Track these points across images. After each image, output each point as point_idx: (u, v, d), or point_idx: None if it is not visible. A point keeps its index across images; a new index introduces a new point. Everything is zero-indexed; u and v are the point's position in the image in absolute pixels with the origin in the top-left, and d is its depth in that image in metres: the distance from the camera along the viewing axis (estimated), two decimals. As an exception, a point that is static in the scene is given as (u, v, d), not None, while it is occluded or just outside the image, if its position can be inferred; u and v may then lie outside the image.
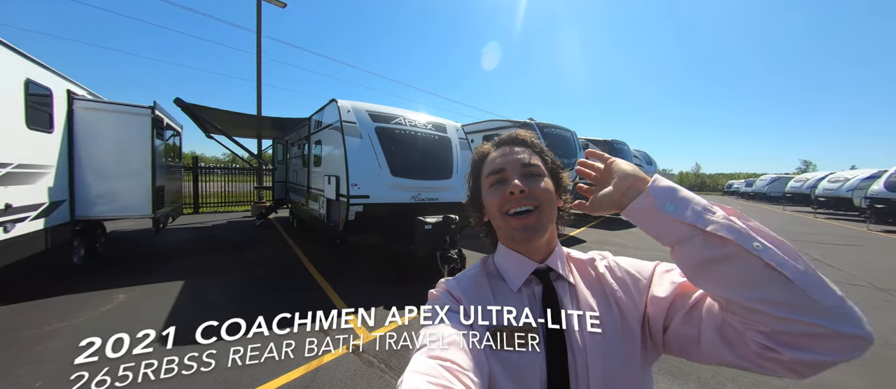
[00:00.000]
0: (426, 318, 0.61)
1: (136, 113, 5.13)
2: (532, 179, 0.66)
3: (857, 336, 0.41)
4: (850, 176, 17.57)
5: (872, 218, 12.69)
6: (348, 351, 2.81)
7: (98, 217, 4.97)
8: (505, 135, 0.74)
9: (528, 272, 0.65)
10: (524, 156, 0.68)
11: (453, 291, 0.67)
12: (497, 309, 0.60)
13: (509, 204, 0.64)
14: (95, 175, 4.83)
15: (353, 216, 4.54)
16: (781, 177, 29.76)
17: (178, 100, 6.09)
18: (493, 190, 0.68)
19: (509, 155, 0.69)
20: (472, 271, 0.73)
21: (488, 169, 0.71)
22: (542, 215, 0.64)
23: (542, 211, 0.64)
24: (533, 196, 0.64)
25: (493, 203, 0.67)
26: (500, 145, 0.73)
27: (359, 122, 4.92)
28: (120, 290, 4.02)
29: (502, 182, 0.67)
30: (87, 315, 3.34)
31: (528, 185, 0.64)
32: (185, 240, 7.01)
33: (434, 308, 0.61)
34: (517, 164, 0.67)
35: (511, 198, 0.64)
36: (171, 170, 6.92)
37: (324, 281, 4.54)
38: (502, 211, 0.65)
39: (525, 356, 0.56)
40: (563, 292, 0.64)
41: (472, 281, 0.69)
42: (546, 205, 0.65)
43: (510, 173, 0.66)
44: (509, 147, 0.71)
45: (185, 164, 11.13)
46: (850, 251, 7.62)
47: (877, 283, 5.09)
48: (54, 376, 2.35)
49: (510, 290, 0.66)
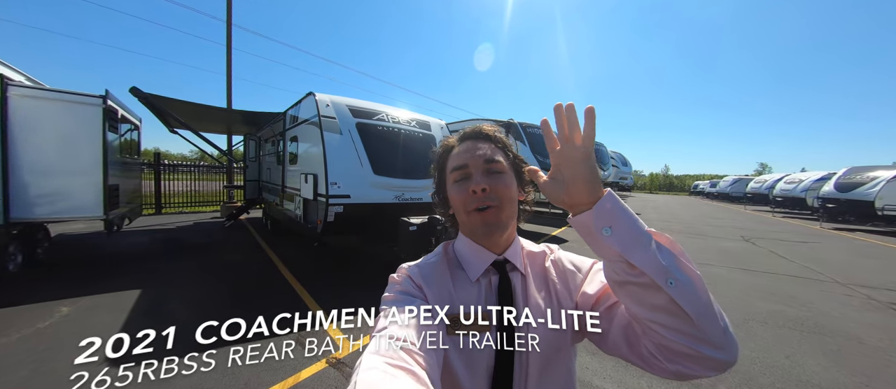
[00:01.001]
0: (385, 302, 0.63)
1: (85, 103, 4.60)
2: (494, 176, 0.68)
3: (727, 362, 0.50)
4: (804, 177, 18.95)
5: (824, 217, 13.70)
6: (328, 366, 2.58)
7: (39, 219, 4.41)
8: (469, 129, 0.75)
9: (486, 263, 0.69)
10: (487, 151, 0.70)
11: (415, 277, 0.68)
12: (455, 296, 0.66)
13: (472, 203, 0.66)
14: (35, 172, 4.27)
15: (333, 217, 4.28)
16: (742, 179, 31.72)
17: (135, 90, 5.56)
18: (457, 186, 0.70)
19: (472, 150, 0.70)
20: (433, 258, 0.74)
21: (452, 164, 0.72)
22: (502, 212, 0.67)
23: (502, 208, 0.67)
24: (494, 194, 0.66)
25: (456, 199, 0.70)
26: (463, 139, 0.74)
27: (338, 117, 4.66)
28: (63, 302, 3.56)
29: (466, 178, 0.69)
30: (21, 332, 2.90)
31: (490, 183, 0.66)
32: (144, 244, 6.43)
33: (395, 292, 0.65)
34: (480, 161, 0.68)
35: (473, 197, 0.66)
36: (128, 166, 6.32)
37: (300, 287, 4.24)
38: (465, 209, 0.68)
39: (480, 340, 0.60)
40: (516, 283, 0.69)
41: (434, 269, 0.70)
42: (507, 203, 0.67)
43: (473, 170, 0.68)
44: (473, 142, 0.72)
45: (145, 161, 10.30)
46: (807, 248, 8.12)
47: (837, 278, 5.40)
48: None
49: (469, 279, 0.69)
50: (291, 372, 2.47)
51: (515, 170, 0.72)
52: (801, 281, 5.18)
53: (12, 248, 4.31)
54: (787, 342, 3.17)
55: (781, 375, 2.61)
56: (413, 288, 0.66)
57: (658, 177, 75.24)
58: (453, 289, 0.67)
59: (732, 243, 8.41)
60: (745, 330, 3.38)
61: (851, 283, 5.15)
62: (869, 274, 5.69)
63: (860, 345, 3.13)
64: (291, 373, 2.46)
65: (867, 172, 12.84)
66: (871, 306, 4.19)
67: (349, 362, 2.63)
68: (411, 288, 0.66)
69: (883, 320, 3.74)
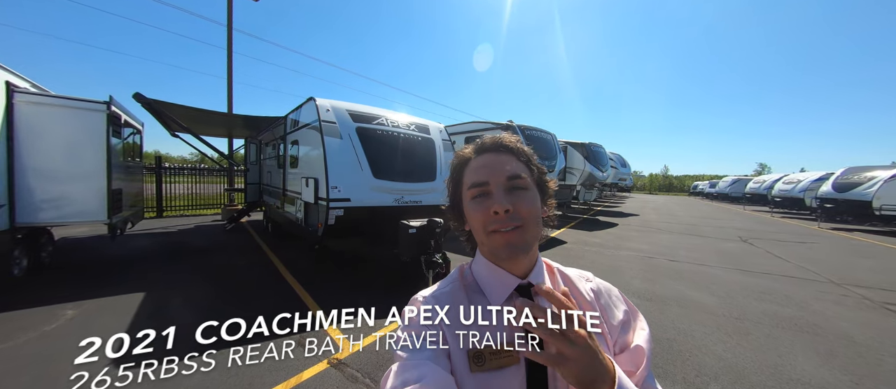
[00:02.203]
0: (399, 347, 0.58)
1: (90, 108, 4.66)
2: (517, 194, 0.62)
3: None
4: (802, 178, 19.01)
5: (822, 217, 13.76)
6: (329, 366, 2.64)
7: (44, 223, 4.47)
8: (488, 140, 0.69)
9: (510, 288, 0.63)
10: (509, 166, 0.64)
11: (430, 312, 0.61)
12: (478, 329, 0.58)
13: (493, 224, 0.61)
14: (40, 176, 4.33)
15: (333, 220, 4.34)
16: (741, 179, 31.77)
17: (138, 96, 5.63)
18: (476, 203, 0.64)
19: (493, 165, 0.64)
20: (448, 286, 0.68)
21: (470, 179, 0.66)
22: (527, 233, 0.61)
23: (527, 228, 0.61)
24: (518, 215, 0.61)
25: (476, 219, 0.64)
26: (482, 151, 0.68)
27: (339, 122, 4.72)
28: (68, 305, 3.62)
29: (485, 196, 0.63)
30: (27, 335, 2.96)
31: (513, 202, 0.60)
32: (147, 247, 6.49)
33: (408, 336, 0.58)
34: (502, 177, 0.63)
35: (495, 218, 0.61)
36: (131, 170, 6.38)
37: (301, 289, 4.30)
38: (486, 230, 0.62)
39: (505, 375, 0.56)
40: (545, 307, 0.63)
41: (451, 299, 0.64)
42: (531, 223, 0.62)
43: (494, 187, 0.62)
44: (493, 155, 0.66)
45: (146, 164, 10.37)
46: (804, 248, 8.17)
47: (833, 278, 5.46)
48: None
49: (488, 305, 0.63)
50: (293, 373, 2.52)
51: (539, 184, 0.67)
52: (797, 282, 5.23)
53: (17, 252, 4.36)
54: (781, 341, 3.22)
55: (773, 373, 2.66)
56: (429, 327, 0.59)
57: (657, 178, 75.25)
58: (473, 320, 0.60)
59: (730, 244, 8.46)
60: (739, 330, 3.43)
61: (847, 283, 5.21)
62: (865, 274, 5.74)
63: (852, 345, 3.18)
64: (293, 374, 2.51)
65: (865, 172, 12.91)
66: (865, 306, 4.25)
67: (350, 362, 2.69)
68: (427, 328, 0.59)
69: (876, 320, 3.79)
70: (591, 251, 7.07)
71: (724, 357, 2.89)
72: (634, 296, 4.37)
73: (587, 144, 13.84)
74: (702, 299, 4.34)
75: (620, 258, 6.54)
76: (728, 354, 2.95)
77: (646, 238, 9.15)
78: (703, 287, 4.86)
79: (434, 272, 4.36)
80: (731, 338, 3.25)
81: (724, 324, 3.57)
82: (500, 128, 9.29)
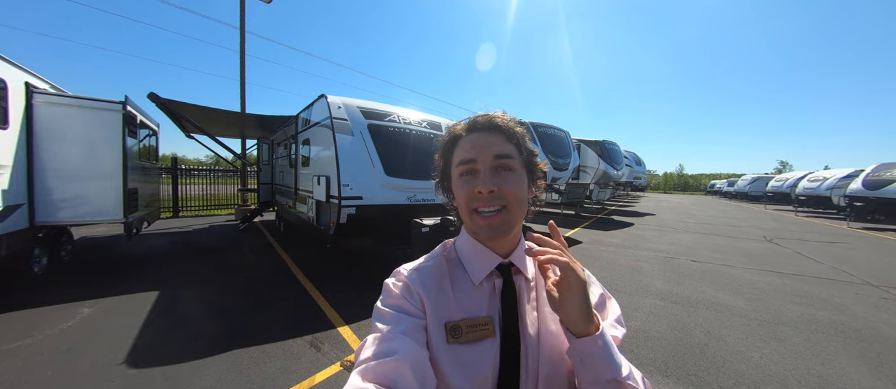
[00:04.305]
0: (378, 316, 0.60)
1: (106, 109, 4.71)
2: (504, 175, 0.62)
3: None
4: (828, 175, 18.20)
5: (852, 216, 13.12)
6: (342, 369, 2.55)
7: (62, 222, 4.53)
8: (480, 118, 0.67)
9: (490, 266, 0.65)
10: (498, 146, 0.63)
11: (413, 284, 0.64)
12: (455, 302, 0.62)
13: (477, 202, 0.61)
14: (59, 176, 4.39)
15: (345, 218, 4.27)
16: (762, 177, 30.72)
17: (153, 96, 5.68)
18: (463, 181, 0.64)
19: (482, 144, 0.63)
20: (432, 260, 0.69)
21: (459, 156, 0.66)
22: (509, 214, 0.61)
23: (509, 210, 0.61)
24: (502, 195, 0.61)
25: (461, 196, 0.64)
26: (473, 130, 0.66)
27: (350, 119, 4.66)
28: (85, 303, 3.64)
29: (472, 173, 0.63)
30: (45, 332, 2.97)
31: (498, 183, 0.60)
32: (162, 246, 6.56)
33: (389, 306, 0.61)
34: (489, 156, 0.62)
35: (479, 197, 0.61)
36: (147, 171, 6.47)
37: (313, 289, 4.25)
38: (470, 208, 0.63)
39: (479, 348, 0.58)
40: (521, 288, 0.65)
41: (433, 272, 0.66)
42: (515, 205, 0.62)
43: (481, 165, 0.62)
44: (483, 134, 0.65)
45: (163, 166, 10.55)
46: (835, 248, 7.76)
47: (871, 280, 5.13)
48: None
49: (470, 282, 0.65)
50: (305, 375, 2.44)
51: (528, 166, 0.67)
52: (832, 284, 4.93)
53: (37, 251, 4.43)
54: (822, 347, 3.00)
55: (819, 383, 2.46)
56: (408, 298, 0.62)
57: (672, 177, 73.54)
58: (453, 294, 0.63)
59: (754, 244, 8.10)
60: (775, 336, 3.21)
61: (886, 285, 4.88)
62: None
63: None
64: (306, 376, 2.43)
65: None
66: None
67: (364, 365, 2.60)
68: (407, 300, 0.61)
69: (925, 325, 3.51)
70: (609, 251, 6.84)
71: (761, 365, 2.69)
72: (658, 298, 4.18)
73: (601, 142, 13.52)
74: (731, 301, 4.11)
75: (640, 258, 6.30)
76: (765, 361, 2.75)
77: (664, 237, 8.84)
78: (731, 288, 4.61)
79: (448, 272, 4.25)
80: (767, 344, 3.04)
81: (758, 329, 3.35)
82: (512, 125, 9.13)
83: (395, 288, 0.64)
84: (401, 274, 0.67)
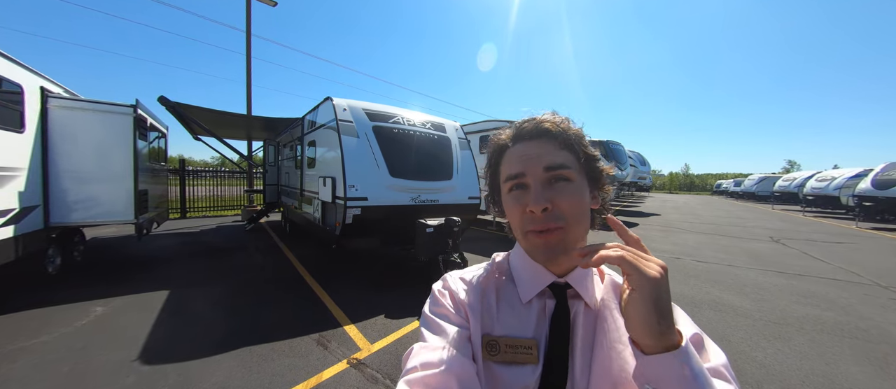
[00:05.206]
0: (424, 325, 0.58)
1: (117, 112, 4.83)
2: (558, 187, 0.55)
3: None
4: (837, 175, 17.96)
5: (861, 216, 12.94)
6: (349, 366, 2.60)
7: (75, 223, 4.64)
8: (526, 123, 0.60)
9: (541, 285, 0.59)
10: (549, 155, 0.56)
11: (457, 292, 0.61)
12: (499, 317, 0.58)
13: (530, 225, 0.55)
14: (72, 178, 4.51)
15: (351, 219, 4.33)
16: (769, 177, 30.35)
17: (163, 99, 5.79)
18: (512, 198, 0.58)
19: (530, 155, 0.57)
20: (482, 270, 0.66)
21: (506, 169, 0.60)
22: (568, 234, 0.54)
23: (568, 228, 0.54)
24: (559, 214, 0.53)
25: (512, 215, 0.59)
26: (518, 138, 0.60)
27: (355, 121, 4.72)
28: (98, 302, 3.73)
29: (522, 188, 0.57)
30: (60, 330, 3.05)
31: (552, 197, 0.54)
32: (171, 247, 6.67)
33: (434, 316, 0.58)
34: (539, 168, 0.55)
35: (531, 217, 0.54)
36: (156, 173, 6.59)
37: (319, 289, 4.31)
38: (523, 229, 0.56)
39: (517, 372, 0.53)
40: (578, 314, 0.57)
41: (480, 283, 0.63)
42: (574, 223, 0.54)
43: (531, 180, 0.56)
44: (531, 143, 0.58)
45: (171, 167, 10.72)
46: (843, 249, 7.68)
47: (879, 281, 5.08)
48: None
49: (519, 298, 0.60)
50: (313, 372, 2.49)
51: (589, 173, 0.59)
52: (838, 284, 4.89)
53: (51, 251, 4.54)
54: (827, 348, 2.99)
55: (823, 383, 2.46)
56: (454, 308, 0.59)
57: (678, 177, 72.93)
58: (498, 308, 0.59)
59: (761, 244, 8.04)
60: (779, 336, 3.21)
61: (895, 286, 4.83)
62: (914, 277, 5.32)
63: (910, 353, 2.92)
64: (313, 373, 2.48)
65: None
66: (919, 310, 3.91)
67: (370, 363, 2.64)
68: (452, 309, 0.59)
69: (933, 325, 3.48)
70: (612, 251, 6.82)
71: (766, 364, 2.69)
72: (662, 298, 4.18)
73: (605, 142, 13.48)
74: (735, 302, 4.10)
75: (644, 258, 6.27)
76: (770, 361, 2.75)
77: (669, 238, 8.81)
78: (736, 289, 4.60)
79: (452, 272, 4.28)
80: (771, 344, 3.04)
81: (763, 329, 3.35)
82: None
83: (441, 296, 0.61)
84: (447, 282, 0.64)
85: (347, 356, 2.73)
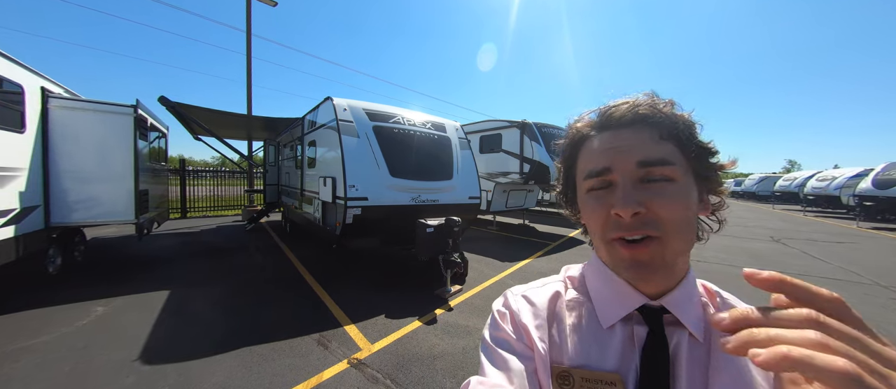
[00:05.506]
0: (484, 353, 0.51)
1: (118, 112, 4.83)
2: (656, 188, 0.43)
3: None
4: (837, 174, 17.95)
5: (861, 216, 12.93)
6: (349, 366, 2.60)
7: (76, 223, 4.65)
8: (615, 107, 0.48)
9: (628, 308, 0.47)
10: (642, 146, 0.44)
11: (518, 313, 0.52)
12: (570, 343, 0.48)
13: (615, 230, 0.44)
14: (73, 178, 4.51)
15: (351, 219, 4.33)
16: (769, 177, 30.37)
17: (163, 99, 5.79)
18: (593, 198, 0.47)
19: (619, 146, 0.45)
20: (549, 285, 0.56)
21: (586, 165, 0.49)
22: (666, 246, 0.42)
23: (667, 239, 0.42)
24: (654, 221, 0.42)
25: (593, 219, 0.48)
26: (605, 126, 0.48)
27: (355, 121, 4.72)
28: (99, 302, 3.74)
29: (607, 187, 0.46)
30: (61, 330, 3.06)
31: (647, 200, 0.42)
32: (171, 247, 6.68)
33: (494, 344, 0.50)
34: (630, 164, 0.44)
35: (618, 222, 0.44)
36: (156, 173, 6.60)
37: (319, 289, 4.31)
38: (605, 237, 0.46)
39: None
40: (679, 348, 0.44)
41: (550, 301, 0.53)
42: (674, 233, 0.42)
43: (618, 177, 0.45)
44: (620, 132, 0.46)
45: (171, 167, 10.73)
46: (843, 248, 7.67)
47: (879, 281, 5.08)
48: (19, 402, 2.10)
49: (597, 321, 0.48)
50: (313, 372, 2.50)
51: (699, 170, 0.46)
52: (839, 284, 4.89)
53: (52, 251, 4.55)
54: (827, 348, 2.99)
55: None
56: (516, 334, 0.50)
57: (678, 177, 72.89)
58: (569, 332, 0.49)
59: (761, 244, 8.04)
60: (780, 335, 3.21)
61: (893, 286, 4.83)
62: (915, 277, 5.32)
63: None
64: (314, 373, 2.49)
65: (909, 168, 12.07)
66: (919, 310, 3.92)
67: (370, 363, 2.65)
68: (514, 335, 0.50)
69: (934, 325, 3.48)
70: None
71: (765, 364, 2.69)
72: (662, 298, 4.18)
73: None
74: (735, 301, 4.10)
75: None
76: (770, 360, 2.75)
77: (669, 238, 8.80)
78: (735, 289, 4.55)
79: (452, 271, 4.29)
80: (771, 343, 3.04)
81: (763, 328, 3.35)
82: (515, 126, 9.09)
83: (501, 318, 0.53)
84: (508, 299, 0.55)
85: (348, 356, 2.73)
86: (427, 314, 3.57)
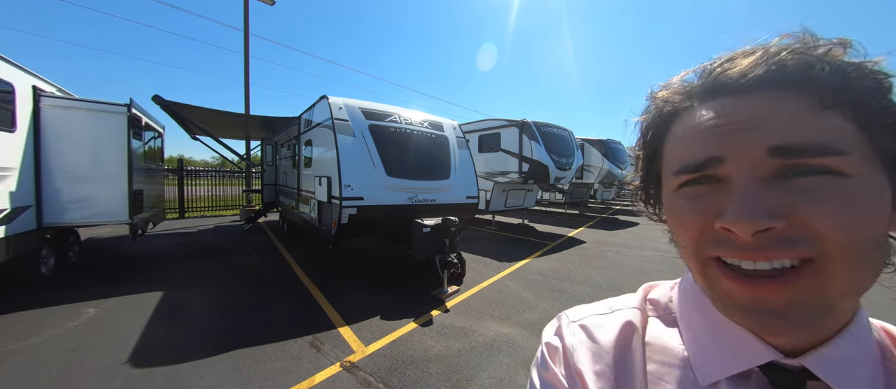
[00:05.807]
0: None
1: (111, 111, 4.78)
2: (807, 185, 0.25)
3: None
4: None
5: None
6: (342, 369, 2.55)
7: (69, 223, 4.60)
8: (732, 60, 0.29)
9: (746, 363, 0.30)
10: (781, 120, 0.26)
11: (576, 353, 0.38)
12: None
13: (724, 249, 0.28)
14: (65, 178, 4.46)
15: (346, 219, 4.28)
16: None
17: (157, 98, 5.74)
18: (688, 201, 0.31)
19: (734, 126, 0.28)
20: (622, 314, 0.39)
21: (681, 152, 0.31)
22: (827, 281, 0.25)
23: (828, 270, 0.25)
24: (804, 235, 0.25)
25: (684, 230, 0.31)
26: (714, 90, 0.30)
27: (351, 120, 4.67)
28: (91, 303, 3.69)
29: (709, 183, 0.29)
30: (51, 332, 3.01)
31: (791, 206, 0.25)
32: (168, 247, 6.64)
33: (541, 385, 0.39)
34: (758, 150, 0.26)
35: (730, 240, 0.27)
36: (152, 172, 6.54)
37: (315, 289, 4.26)
38: (700, 254, 0.30)
39: None
40: None
41: (616, 339, 0.37)
42: (843, 259, 0.25)
43: (734, 171, 0.27)
44: (742, 99, 0.28)
45: (169, 168, 10.68)
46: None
47: (882, 281, 4.98)
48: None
49: (693, 375, 0.32)
50: (305, 376, 2.45)
51: (889, 158, 0.26)
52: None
53: (45, 252, 4.50)
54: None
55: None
56: (567, 379, 0.38)
57: (678, 176, 72.82)
58: (645, 386, 0.35)
59: None
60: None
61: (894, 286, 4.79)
62: (917, 276, 5.27)
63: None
64: (305, 377, 2.44)
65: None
66: (922, 311, 3.87)
67: (363, 366, 2.60)
68: (564, 378, 0.38)
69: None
70: (613, 251, 6.78)
71: (766, 367, 2.64)
72: (661, 299, 4.13)
73: (605, 141, 13.41)
74: (736, 302, 4.05)
75: (644, 258, 6.23)
76: (771, 363, 2.70)
77: (669, 237, 8.75)
78: None
79: (449, 272, 4.24)
80: (772, 345, 2.99)
81: (764, 330, 3.30)
82: (514, 125, 9.05)
83: (550, 355, 0.40)
84: (562, 329, 0.41)
85: (341, 358, 2.68)
86: (423, 315, 3.52)
